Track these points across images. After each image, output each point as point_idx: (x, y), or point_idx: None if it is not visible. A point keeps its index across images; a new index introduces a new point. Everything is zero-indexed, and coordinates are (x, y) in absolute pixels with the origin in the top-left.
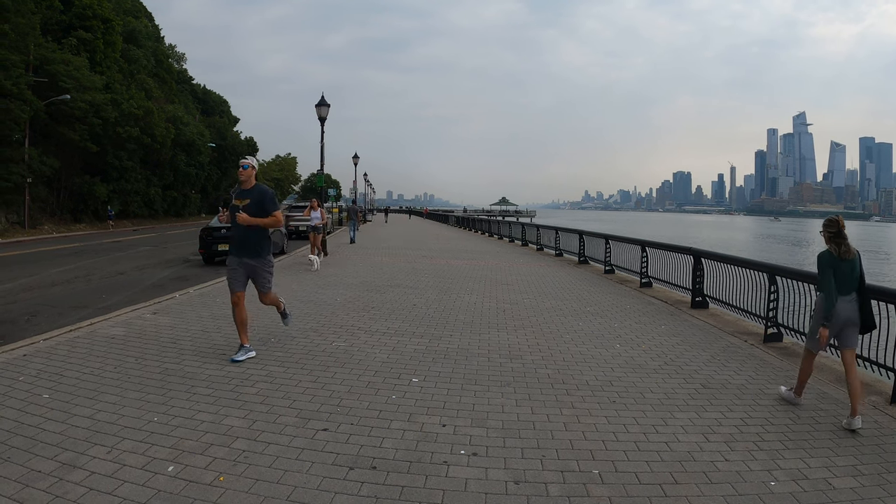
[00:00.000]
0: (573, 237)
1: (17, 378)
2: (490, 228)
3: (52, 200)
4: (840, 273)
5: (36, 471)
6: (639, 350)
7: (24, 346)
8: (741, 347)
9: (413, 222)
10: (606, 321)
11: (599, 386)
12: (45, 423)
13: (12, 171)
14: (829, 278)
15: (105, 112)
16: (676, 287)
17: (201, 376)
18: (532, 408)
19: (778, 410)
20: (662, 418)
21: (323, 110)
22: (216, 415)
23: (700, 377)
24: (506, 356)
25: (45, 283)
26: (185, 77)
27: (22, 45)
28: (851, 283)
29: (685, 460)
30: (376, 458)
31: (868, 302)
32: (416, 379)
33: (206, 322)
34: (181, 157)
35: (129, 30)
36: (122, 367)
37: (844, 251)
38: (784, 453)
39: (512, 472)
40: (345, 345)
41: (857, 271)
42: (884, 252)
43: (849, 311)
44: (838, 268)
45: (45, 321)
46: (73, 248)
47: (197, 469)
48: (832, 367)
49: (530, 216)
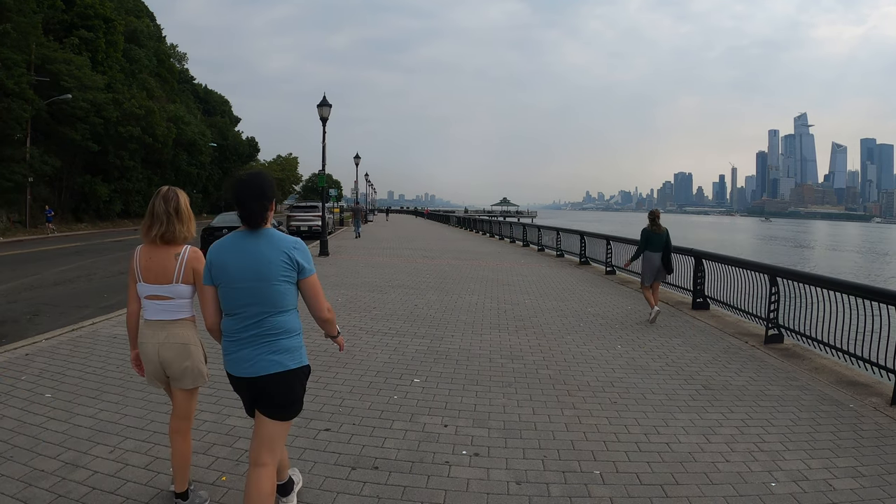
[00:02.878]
0: (574, 238)
1: (20, 377)
2: (491, 229)
3: (53, 200)
4: (652, 240)
5: (39, 470)
6: (640, 351)
7: (27, 346)
8: (742, 349)
9: (415, 222)
10: (607, 322)
11: (601, 387)
12: (48, 423)
13: (14, 170)
14: (643, 240)
15: (106, 111)
16: (677, 288)
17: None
18: (533, 408)
19: (779, 412)
20: (663, 419)
21: (324, 110)
22: (218, 414)
23: (701, 378)
24: (507, 357)
25: (47, 282)
26: (187, 77)
27: (24, 44)
28: (659, 246)
29: (686, 461)
30: (378, 459)
31: (669, 256)
32: (417, 379)
33: None
34: (182, 157)
35: (131, 29)
36: (124, 367)
37: (655, 228)
38: (785, 454)
39: (514, 473)
40: (346, 345)
41: (664, 240)
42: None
43: (657, 260)
44: (651, 237)
45: (47, 320)
46: (75, 247)
47: (200, 469)
48: (832, 369)
49: (531, 217)
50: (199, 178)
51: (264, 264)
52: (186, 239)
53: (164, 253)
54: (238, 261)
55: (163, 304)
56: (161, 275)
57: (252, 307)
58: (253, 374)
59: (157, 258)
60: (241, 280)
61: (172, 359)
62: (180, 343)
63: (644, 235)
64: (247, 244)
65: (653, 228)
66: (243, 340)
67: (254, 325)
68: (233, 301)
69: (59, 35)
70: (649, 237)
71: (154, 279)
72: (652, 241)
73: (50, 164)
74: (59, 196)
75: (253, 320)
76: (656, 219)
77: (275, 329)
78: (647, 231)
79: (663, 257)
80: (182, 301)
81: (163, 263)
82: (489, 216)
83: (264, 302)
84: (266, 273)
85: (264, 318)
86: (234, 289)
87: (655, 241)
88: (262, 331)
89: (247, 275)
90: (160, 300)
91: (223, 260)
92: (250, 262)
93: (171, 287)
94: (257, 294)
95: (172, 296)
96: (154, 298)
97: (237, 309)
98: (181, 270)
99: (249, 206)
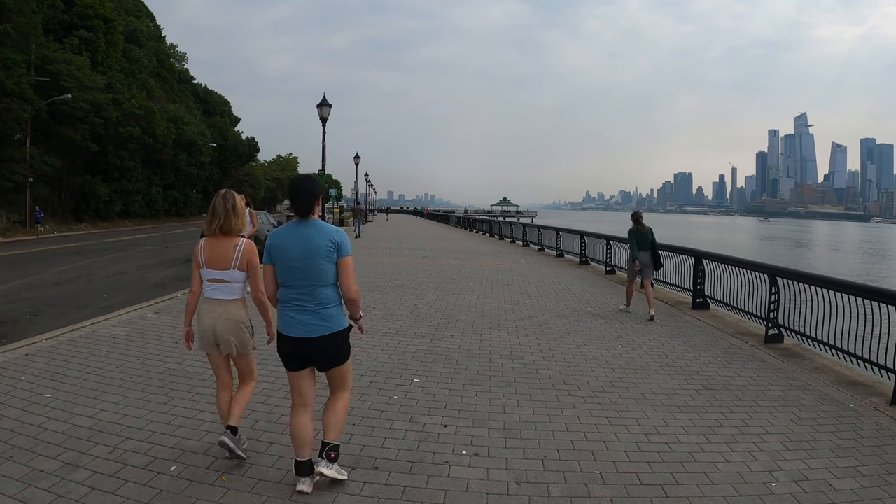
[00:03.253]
0: (574, 238)
1: (20, 377)
2: (491, 229)
3: (53, 200)
4: (639, 239)
5: (38, 470)
6: (640, 351)
7: (26, 346)
8: (742, 348)
9: (415, 222)
10: (607, 322)
11: (601, 387)
12: (48, 423)
13: (14, 170)
14: (633, 241)
15: (106, 111)
16: (677, 288)
17: (203, 376)
18: (533, 408)
19: (779, 412)
20: (663, 419)
21: (324, 110)
22: (217, 415)
23: (701, 378)
24: (507, 357)
25: (47, 282)
26: (187, 77)
27: (24, 44)
28: (645, 245)
29: (686, 461)
30: (378, 459)
31: (657, 253)
32: (417, 379)
33: None
34: (182, 157)
35: (131, 29)
36: (124, 367)
37: (640, 228)
38: (785, 454)
39: (513, 473)
40: None
41: (649, 238)
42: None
43: (646, 258)
44: (638, 237)
45: (46, 321)
46: (75, 247)
47: (199, 469)
48: (832, 369)
49: (531, 216)
50: (199, 178)
51: (313, 247)
52: (240, 230)
53: (224, 243)
54: (292, 244)
55: (221, 287)
56: (221, 261)
57: (303, 280)
58: (305, 335)
59: (219, 248)
60: (295, 259)
61: (224, 331)
62: (233, 320)
63: (631, 236)
64: (299, 231)
65: (637, 228)
66: (296, 307)
67: (305, 295)
68: (288, 275)
69: (59, 35)
70: (636, 237)
71: (215, 265)
72: (639, 241)
73: (50, 165)
74: (59, 196)
75: (304, 290)
76: (640, 219)
77: (321, 299)
78: (633, 231)
79: (651, 254)
80: (237, 284)
81: (223, 252)
82: (489, 216)
83: (312, 276)
84: (314, 253)
85: (312, 290)
86: (290, 266)
87: (642, 239)
88: (311, 300)
89: (299, 255)
90: (219, 283)
91: (281, 244)
92: (302, 245)
93: (229, 272)
94: (307, 270)
95: (229, 280)
96: (214, 281)
97: (291, 282)
98: (238, 259)
99: (301, 201)
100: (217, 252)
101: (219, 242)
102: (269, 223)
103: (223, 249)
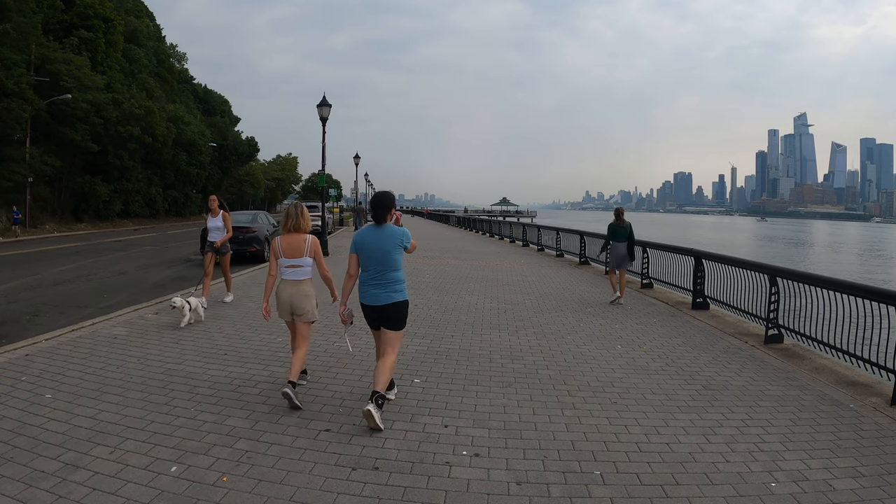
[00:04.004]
0: (574, 238)
1: (20, 378)
2: (491, 229)
3: (53, 200)
4: (617, 233)
5: (39, 471)
6: (640, 351)
7: (27, 346)
8: (742, 349)
9: (415, 222)
10: (608, 322)
11: (601, 387)
12: (48, 423)
13: (13, 170)
14: (610, 233)
15: (106, 111)
16: (677, 288)
17: (203, 376)
18: (533, 408)
19: (779, 412)
20: (664, 419)
21: (324, 111)
22: (219, 415)
23: (701, 378)
24: (507, 357)
25: (47, 282)
26: (186, 77)
27: (23, 44)
28: (623, 237)
29: (686, 461)
30: (379, 459)
31: (632, 246)
32: (417, 379)
33: (207, 323)
34: (182, 157)
35: (131, 29)
36: (124, 368)
37: (620, 223)
38: (784, 454)
39: (514, 473)
40: (346, 345)
41: (627, 232)
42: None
43: (622, 249)
44: (616, 230)
45: (46, 321)
46: (75, 247)
47: (200, 469)
48: (833, 369)
49: (531, 216)
50: (199, 178)
51: (384, 243)
52: (306, 230)
53: (296, 238)
54: (370, 241)
55: (296, 270)
56: (296, 252)
57: (377, 266)
58: (379, 303)
59: (293, 242)
60: (373, 251)
61: (299, 303)
62: (304, 294)
63: (610, 229)
64: (376, 232)
65: (618, 223)
66: (372, 284)
67: (379, 276)
68: (367, 262)
69: (58, 35)
70: (615, 230)
71: (291, 255)
72: (617, 234)
73: (50, 165)
74: (58, 196)
75: (378, 273)
76: (621, 215)
77: (391, 279)
78: (614, 225)
79: (627, 247)
80: (307, 268)
81: (296, 245)
82: (489, 216)
83: (384, 263)
84: (386, 248)
85: (384, 273)
86: (368, 256)
87: (620, 233)
88: (384, 280)
89: (375, 249)
90: (295, 268)
91: (363, 240)
92: (377, 242)
93: (302, 259)
94: (380, 259)
95: (301, 265)
96: (291, 267)
97: (369, 267)
98: (308, 250)
99: (378, 212)
100: (292, 245)
101: (293, 238)
102: (269, 223)
103: (296, 243)
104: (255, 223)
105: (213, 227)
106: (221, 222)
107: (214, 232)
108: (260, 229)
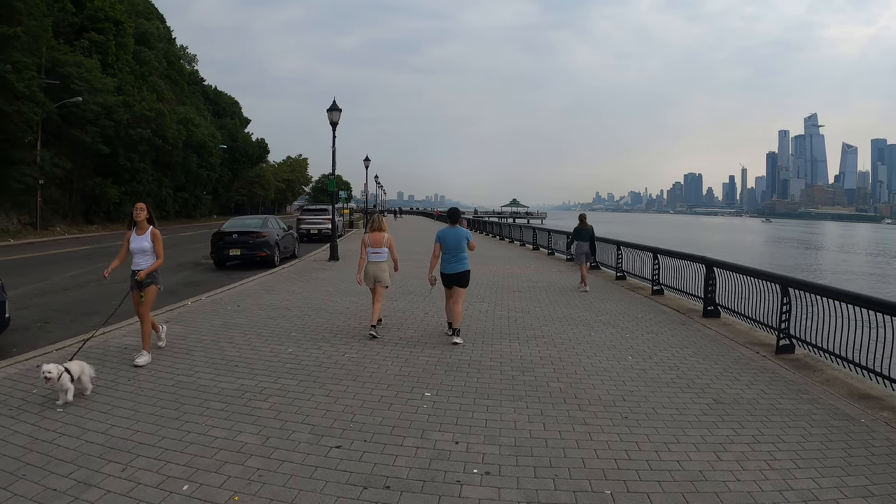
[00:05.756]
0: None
1: (31, 390)
2: (501, 232)
3: (64, 202)
4: (581, 234)
5: (51, 489)
6: (650, 362)
7: (38, 357)
8: (753, 359)
9: (424, 223)
10: (618, 331)
11: (612, 400)
12: (60, 439)
13: (25, 172)
14: (574, 234)
15: (117, 114)
16: (688, 295)
17: (214, 389)
18: (544, 423)
19: (790, 427)
20: (674, 435)
21: (335, 115)
22: (230, 430)
23: (712, 391)
24: (518, 368)
25: (57, 287)
26: (197, 78)
27: (34, 47)
28: (585, 237)
29: (697, 480)
30: (390, 478)
31: (593, 244)
32: (428, 393)
33: (217, 332)
34: (192, 159)
35: (141, 32)
36: (134, 380)
37: (582, 226)
38: (795, 472)
39: (525, 493)
40: (357, 356)
41: (589, 234)
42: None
43: (584, 247)
44: (580, 232)
45: (57, 328)
46: (85, 250)
47: (212, 488)
48: (844, 381)
49: (541, 218)
50: (209, 179)
51: (458, 238)
52: (385, 230)
53: (378, 235)
54: (449, 236)
55: (377, 255)
56: (377, 244)
57: (453, 251)
58: (454, 271)
59: (375, 238)
60: (451, 241)
61: (379, 275)
62: (382, 270)
63: (576, 231)
64: (452, 231)
65: (581, 226)
66: (450, 261)
67: (454, 256)
68: (447, 248)
69: (69, 38)
70: (579, 231)
71: (374, 246)
72: (580, 235)
73: (60, 167)
74: (69, 198)
75: (454, 254)
76: (584, 219)
77: (461, 258)
78: (578, 228)
79: (590, 245)
80: (384, 254)
81: (378, 240)
82: (499, 217)
83: (457, 249)
84: (459, 238)
85: (457, 254)
86: (448, 244)
87: (583, 234)
88: (457, 258)
89: (453, 238)
90: (377, 254)
91: (445, 235)
92: (454, 236)
93: (381, 249)
94: (455, 246)
95: (381, 252)
96: (374, 253)
97: (448, 251)
98: (385, 242)
99: (452, 218)
100: (374, 240)
101: (375, 235)
102: (278, 227)
103: (378, 238)
104: (265, 228)
105: (138, 248)
106: (149, 242)
107: (140, 256)
108: (270, 234)
